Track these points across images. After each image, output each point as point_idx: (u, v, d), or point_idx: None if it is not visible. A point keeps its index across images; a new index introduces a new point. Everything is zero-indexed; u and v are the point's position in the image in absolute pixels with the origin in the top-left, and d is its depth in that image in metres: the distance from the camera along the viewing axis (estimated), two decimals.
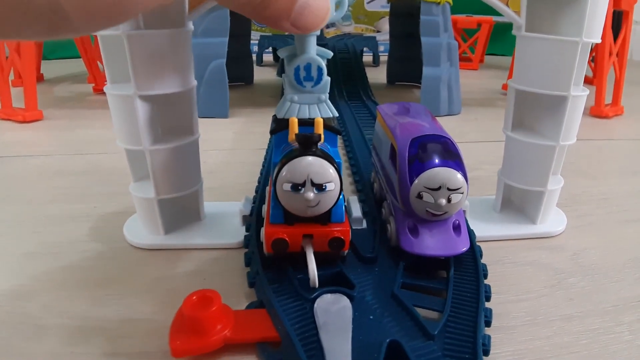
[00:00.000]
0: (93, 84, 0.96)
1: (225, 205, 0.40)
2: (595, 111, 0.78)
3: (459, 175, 0.28)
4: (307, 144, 0.26)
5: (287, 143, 0.29)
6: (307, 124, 0.29)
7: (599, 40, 0.33)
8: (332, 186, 0.26)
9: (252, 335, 0.25)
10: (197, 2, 0.32)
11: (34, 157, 0.58)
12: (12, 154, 0.59)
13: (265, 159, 0.52)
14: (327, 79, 0.29)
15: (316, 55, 0.29)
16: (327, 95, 0.30)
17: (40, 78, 1.07)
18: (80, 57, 0.96)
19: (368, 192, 0.42)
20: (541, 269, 0.34)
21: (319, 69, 0.28)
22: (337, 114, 0.30)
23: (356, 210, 0.36)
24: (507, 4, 0.34)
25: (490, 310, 0.28)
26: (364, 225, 0.36)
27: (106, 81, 0.34)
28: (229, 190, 0.47)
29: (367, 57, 1.23)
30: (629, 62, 0.83)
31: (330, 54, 0.29)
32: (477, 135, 0.67)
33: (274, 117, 0.34)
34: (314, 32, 0.17)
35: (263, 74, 1.12)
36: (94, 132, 0.69)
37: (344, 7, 0.27)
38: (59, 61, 1.32)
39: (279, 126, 0.30)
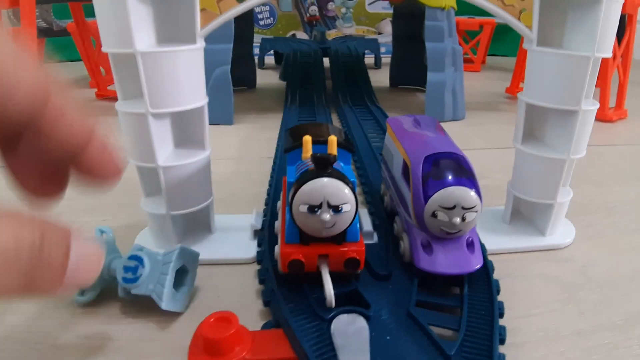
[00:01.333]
0: (95, 89, 0.95)
1: (236, 219, 0.40)
2: (599, 115, 0.78)
3: (473, 194, 0.28)
4: (323, 165, 0.26)
5: (302, 161, 0.29)
6: (320, 142, 0.29)
7: (609, 55, 0.33)
8: (348, 207, 0.26)
9: (270, 356, 0.25)
10: (209, 18, 0.32)
11: None
12: None
13: (272, 169, 0.53)
14: (147, 254, 0.26)
15: (115, 254, 0.26)
16: (174, 262, 0.26)
17: None
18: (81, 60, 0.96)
19: (378, 204, 0.42)
20: (551, 282, 0.34)
21: (135, 257, 0.26)
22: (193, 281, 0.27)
23: (367, 224, 0.37)
24: (519, 19, 0.34)
25: (504, 327, 0.28)
26: (375, 239, 0.36)
27: (109, 86, 0.34)
28: (238, 201, 0.47)
29: (369, 59, 1.23)
30: (632, 62, 0.83)
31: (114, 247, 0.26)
32: (483, 141, 0.68)
33: (286, 132, 0.34)
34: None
35: (265, 77, 1.12)
36: None
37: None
38: (60, 64, 1.31)
39: (293, 145, 0.30)
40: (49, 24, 0.97)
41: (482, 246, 0.35)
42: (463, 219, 0.28)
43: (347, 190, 0.26)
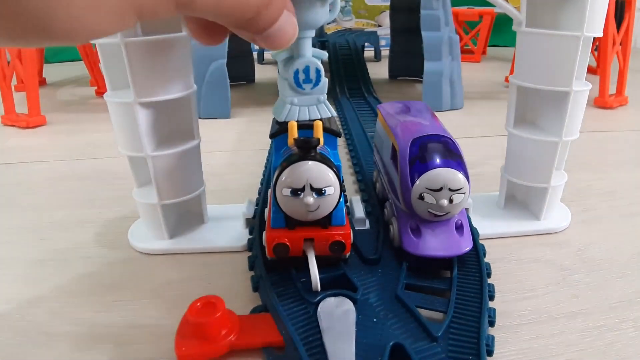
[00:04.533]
0: (95, 87, 0.96)
1: (229, 208, 0.40)
2: (599, 102, 0.77)
3: (460, 176, 0.28)
4: (306, 148, 0.26)
5: (287, 147, 0.29)
6: (306, 127, 0.29)
7: (600, 35, 0.33)
8: (332, 190, 0.26)
9: (257, 340, 0.25)
10: None
11: (38, 163, 0.59)
12: (17, 160, 0.60)
13: (267, 159, 0.53)
14: (325, 80, 0.29)
15: (313, 57, 0.28)
16: (325, 96, 0.30)
17: (42, 82, 1.07)
18: (81, 59, 0.97)
19: (371, 192, 0.42)
20: (546, 265, 0.34)
21: (317, 71, 0.28)
22: (335, 114, 0.30)
23: (359, 211, 0.36)
24: (507, 0, 0.33)
25: (494, 310, 0.28)
26: (367, 225, 0.36)
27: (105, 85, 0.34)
28: (232, 192, 0.47)
29: (369, 52, 1.22)
30: (632, 51, 0.82)
31: (326, 54, 0.29)
32: (481, 129, 0.67)
33: (274, 120, 0.34)
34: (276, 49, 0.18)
35: (264, 72, 1.12)
36: (97, 135, 0.69)
37: (336, 8, 0.27)
38: (62, 64, 1.32)
39: (279, 130, 0.30)
40: None
41: (474, 230, 0.35)
42: (450, 201, 0.28)
43: (330, 174, 0.25)
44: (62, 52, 1.34)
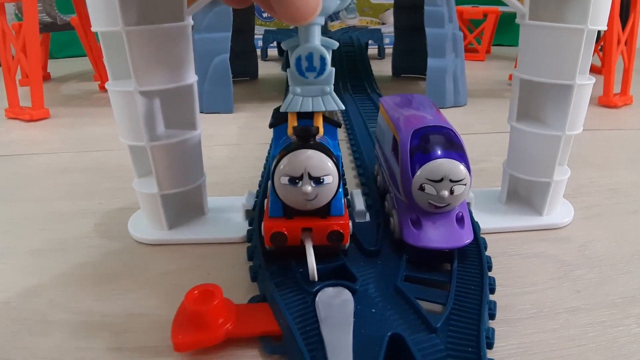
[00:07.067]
0: (99, 82, 0.96)
1: (229, 200, 0.40)
2: (604, 101, 0.77)
3: (462, 167, 0.28)
4: (305, 137, 0.25)
5: (287, 136, 0.29)
6: (306, 116, 0.29)
7: (604, 28, 0.32)
8: (330, 179, 0.25)
9: (254, 329, 0.25)
10: None
11: (40, 155, 0.59)
12: (20, 152, 0.60)
13: (268, 153, 0.52)
14: (331, 70, 0.27)
15: (320, 45, 0.26)
16: (332, 87, 0.27)
17: (47, 77, 1.08)
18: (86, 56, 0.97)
19: (372, 185, 0.42)
20: (547, 261, 0.34)
21: (322, 59, 0.26)
22: (342, 107, 0.28)
23: (359, 204, 0.36)
24: None
25: (495, 302, 0.27)
26: (368, 218, 0.36)
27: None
28: (233, 185, 0.47)
29: (372, 50, 1.22)
30: (638, 50, 0.81)
31: (336, 44, 0.27)
32: (484, 126, 0.67)
33: (275, 110, 0.33)
34: (297, 24, 0.16)
35: (268, 69, 1.12)
36: (100, 129, 0.69)
37: None
38: (66, 60, 1.32)
39: (278, 119, 0.29)
40: (53, 18, 0.97)
41: (475, 224, 0.34)
42: (451, 192, 0.28)
43: (329, 162, 0.25)
44: (68, 48, 1.35)
